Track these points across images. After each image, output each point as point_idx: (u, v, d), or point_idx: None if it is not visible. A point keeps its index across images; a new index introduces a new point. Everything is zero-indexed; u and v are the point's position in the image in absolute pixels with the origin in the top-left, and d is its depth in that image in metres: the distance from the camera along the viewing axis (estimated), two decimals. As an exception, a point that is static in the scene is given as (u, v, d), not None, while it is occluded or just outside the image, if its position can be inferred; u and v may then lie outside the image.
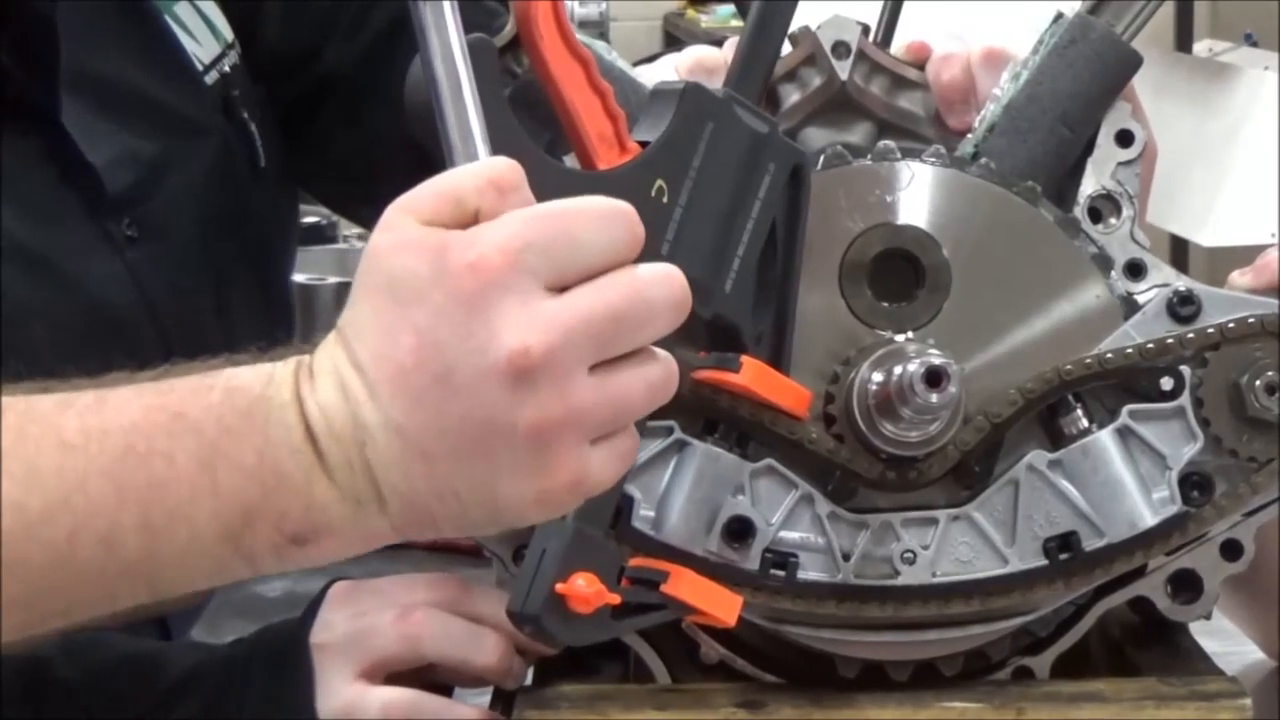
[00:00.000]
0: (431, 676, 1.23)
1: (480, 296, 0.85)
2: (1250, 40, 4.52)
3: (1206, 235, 3.57)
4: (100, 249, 1.22)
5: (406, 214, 0.88)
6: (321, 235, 2.92)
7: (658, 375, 0.90)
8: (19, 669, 1.17)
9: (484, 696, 1.26)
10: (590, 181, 0.96)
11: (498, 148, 0.91)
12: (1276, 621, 1.35)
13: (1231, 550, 1.17)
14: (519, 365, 0.85)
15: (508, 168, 0.89)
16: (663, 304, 0.89)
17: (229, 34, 1.34)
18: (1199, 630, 1.25)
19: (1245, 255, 1.23)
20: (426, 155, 1.37)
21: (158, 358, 1.22)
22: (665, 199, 1.00)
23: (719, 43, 1.28)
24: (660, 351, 0.91)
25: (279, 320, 1.40)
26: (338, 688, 1.20)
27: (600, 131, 0.98)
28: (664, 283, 0.90)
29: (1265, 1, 4.24)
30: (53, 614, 0.89)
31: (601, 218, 0.89)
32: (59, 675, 1.15)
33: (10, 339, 1.15)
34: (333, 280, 2.22)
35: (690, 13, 5.97)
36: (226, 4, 1.34)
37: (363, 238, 3.12)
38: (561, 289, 0.87)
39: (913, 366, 1.07)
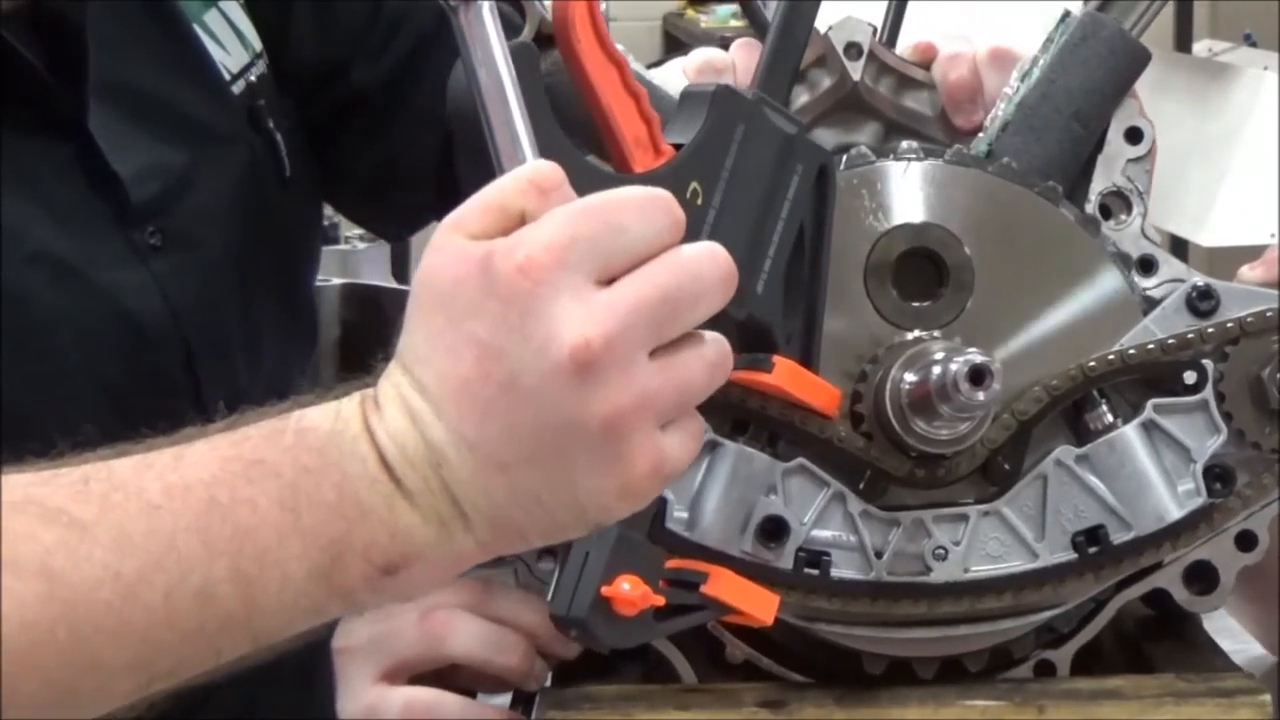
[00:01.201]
0: (454, 679, 1.24)
1: (533, 297, 0.86)
2: (1249, 40, 4.52)
3: (1206, 235, 3.56)
4: (126, 258, 1.21)
5: (454, 231, 0.88)
6: (323, 237, 2.91)
7: (715, 354, 0.91)
8: None
9: (504, 698, 1.26)
10: (628, 184, 0.96)
11: (541, 151, 0.92)
12: (1278, 616, 1.35)
13: (1246, 541, 1.18)
14: (582, 359, 0.86)
15: (548, 168, 0.89)
16: (711, 280, 0.90)
17: (258, 44, 1.33)
18: (1198, 628, 1.26)
19: (1245, 255, 1.23)
20: (450, 170, 1.38)
21: (181, 367, 1.23)
22: (700, 201, 1.00)
23: (721, 43, 1.28)
24: (711, 333, 0.91)
25: (303, 328, 1.40)
26: (360, 690, 1.21)
27: (636, 135, 0.98)
28: (710, 259, 0.90)
29: (1264, 1, 4.24)
30: (159, 676, 0.89)
31: (642, 206, 0.89)
32: None
33: (39, 345, 1.15)
34: (336, 281, 2.21)
35: (689, 13, 5.98)
36: (256, 14, 1.34)
37: (364, 239, 3.12)
38: (610, 280, 0.87)
39: (955, 365, 1.07)
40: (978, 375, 1.07)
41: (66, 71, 1.18)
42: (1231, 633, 1.35)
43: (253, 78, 1.32)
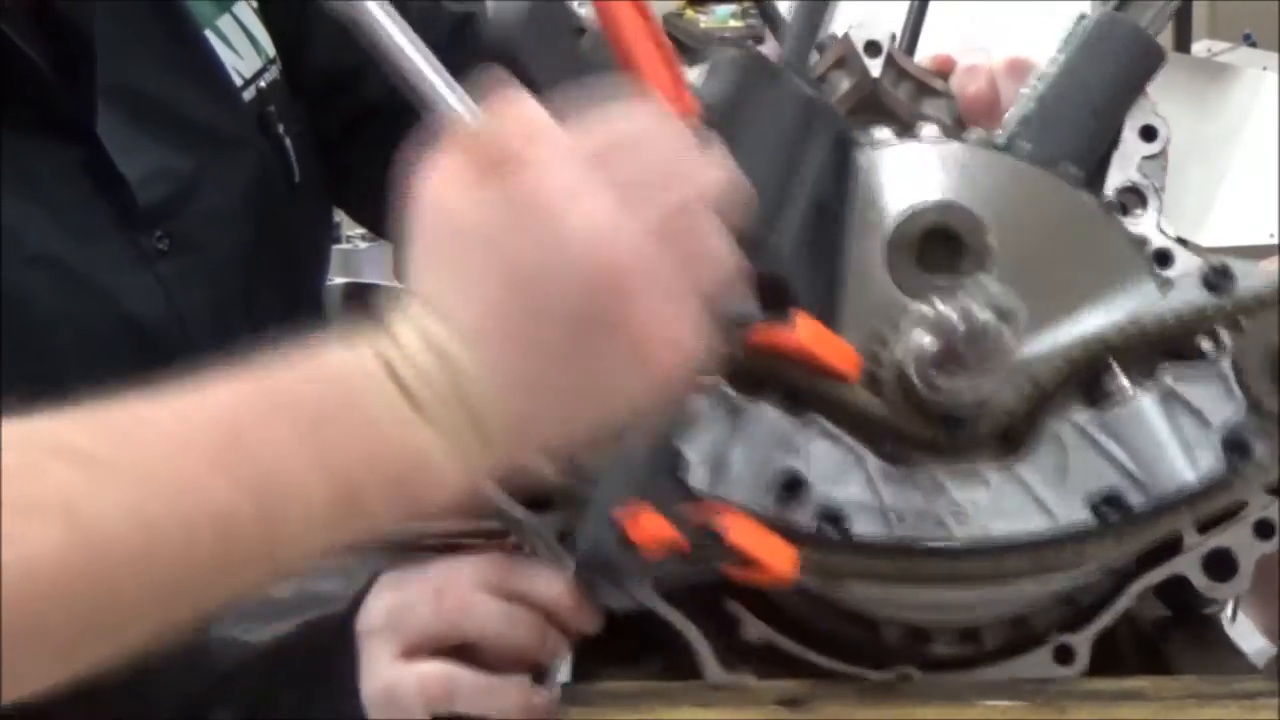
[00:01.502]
0: (472, 656, 1.23)
1: (557, 217, 0.86)
2: (1249, 40, 4.52)
3: (1205, 236, 3.56)
4: (130, 261, 1.21)
5: (454, 173, 0.89)
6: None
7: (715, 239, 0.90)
8: None
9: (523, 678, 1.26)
10: None
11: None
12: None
13: (1264, 529, 1.18)
14: (609, 283, 0.86)
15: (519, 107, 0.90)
16: (686, 152, 0.90)
17: (271, 49, 1.34)
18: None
19: (1245, 256, 1.23)
20: None
21: (183, 370, 1.22)
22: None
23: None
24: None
25: (311, 332, 1.40)
26: (380, 669, 1.21)
27: (664, 87, 0.99)
28: (701, 167, 0.90)
29: (1264, 2, 4.25)
30: (181, 610, 0.88)
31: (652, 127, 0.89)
32: None
33: (39, 346, 1.15)
34: (338, 280, 2.21)
35: (689, 13, 5.99)
36: (272, 20, 1.34)
37: (366, 238, 3.14)
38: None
39: (979, 308, 1.07)
40: (1005, 314, 1.07)
41: (71, 73, 1.18)
42: (1237, 633, 1.34)
43: (264, 83, 1.32)
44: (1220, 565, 1.19)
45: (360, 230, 2.99)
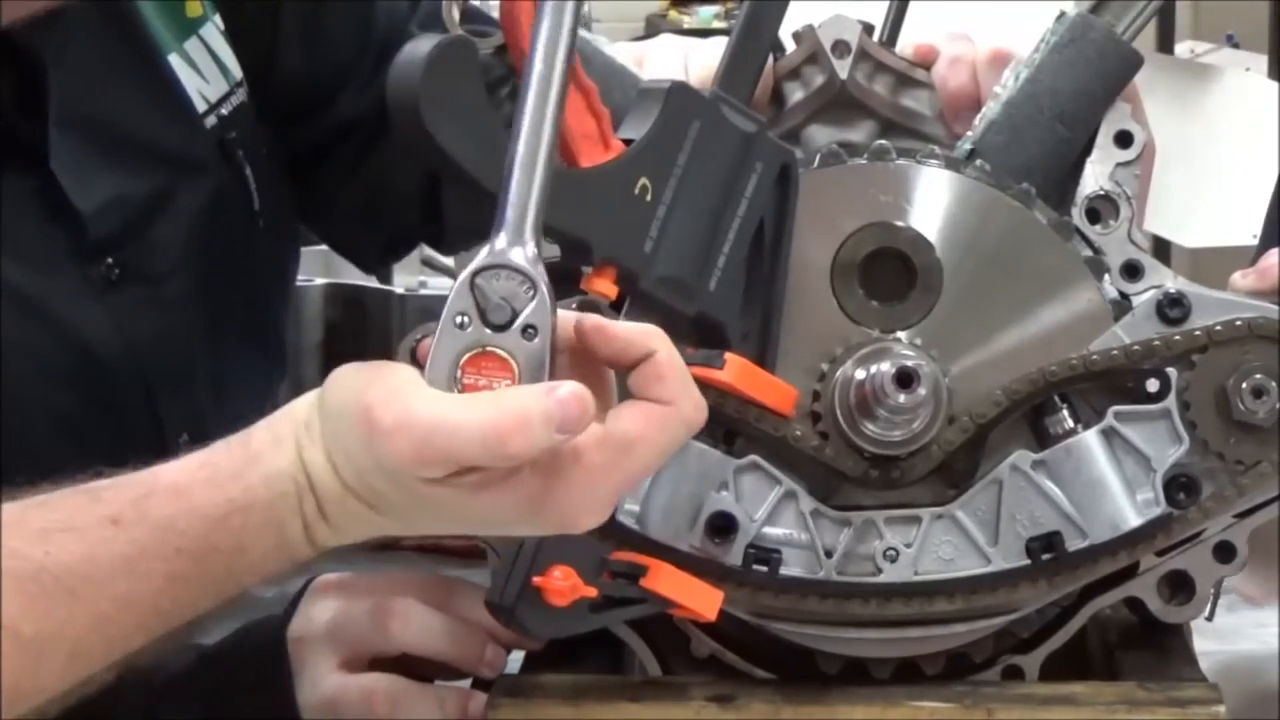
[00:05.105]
0: (412, 667, 1.23)
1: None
2: (1232, 41, 4.52)
3: (1188, 236, 3.56)
4: (83, 292, 1.21)
5: None
6: (309, 237, 2.92)
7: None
8: None
9: (467, 681, 1.26)
10: (572, 179, 0.96)
11: (480, 151, 0.92)
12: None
13: (1224, 552, 1.17)
14: None
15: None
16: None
17: (238, 72, 1.32)
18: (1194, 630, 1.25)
19: (1228, 256, 1.23)
20: (434, 202, 1.38)
21: (140, 399, 1.23)
22: (649, 197, 1.00)
23: None
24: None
25: (270, 360, 1.40)
26: (320, 679, 1.21)
27: (584, 130, 0.98)
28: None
29: (1246, 2, 4.24)
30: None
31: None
32: None
33: None
34: (320, 281, 2.21)
35: (672, 14, 5.99)
36: (242, 41, 1.33)
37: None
38: None
39: (884, 367, 1.07)
40: (905, 378, 1.07)
41: (28, 102, 1.17)
42: (1219, 633, 1.34)
43: (228, 108, 1.31)
44: (1177, 588, 1.18)
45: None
